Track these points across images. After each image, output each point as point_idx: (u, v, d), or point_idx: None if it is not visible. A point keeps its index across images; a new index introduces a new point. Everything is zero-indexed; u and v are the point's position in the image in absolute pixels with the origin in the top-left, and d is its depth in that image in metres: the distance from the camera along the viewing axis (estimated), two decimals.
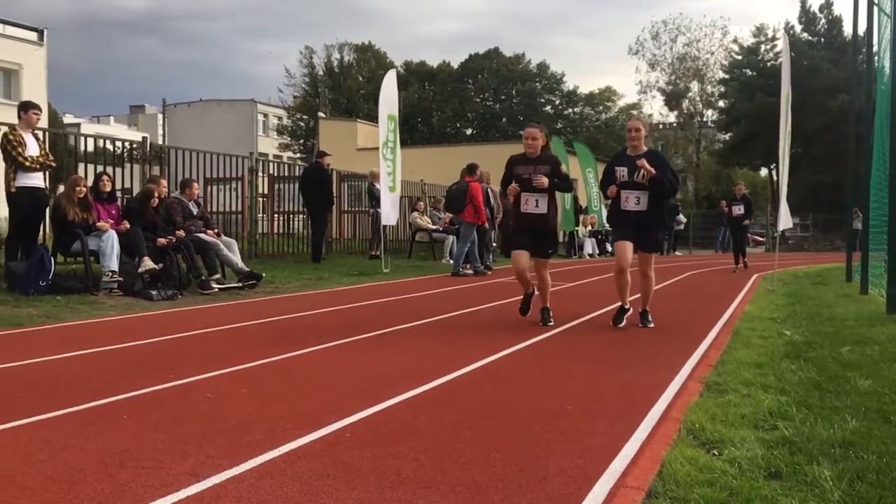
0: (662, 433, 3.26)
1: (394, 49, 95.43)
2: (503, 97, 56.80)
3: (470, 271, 12.79)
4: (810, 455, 2.92)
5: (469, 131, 55.93)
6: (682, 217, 26.75)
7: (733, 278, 12.95)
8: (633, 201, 6.33)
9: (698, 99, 49.36)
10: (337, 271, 11.89)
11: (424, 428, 3.27)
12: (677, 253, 25.18)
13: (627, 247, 6.41)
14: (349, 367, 4.61)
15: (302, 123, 53.45)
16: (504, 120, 56.13)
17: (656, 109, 53.94)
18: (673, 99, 48.99)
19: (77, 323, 6.38)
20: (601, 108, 58.48)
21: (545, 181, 6.27)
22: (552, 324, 6.46)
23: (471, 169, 12.76)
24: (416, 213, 16.75)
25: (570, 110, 58.57)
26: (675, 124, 51.50)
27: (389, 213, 13.19)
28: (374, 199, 14.86)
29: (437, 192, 18.37)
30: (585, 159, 23.44)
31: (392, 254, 14.59)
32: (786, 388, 4.10)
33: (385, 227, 13.76)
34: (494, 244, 15.25)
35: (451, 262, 15.18)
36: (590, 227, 22.04)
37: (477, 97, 56.58)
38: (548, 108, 57.28)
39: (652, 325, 6.49)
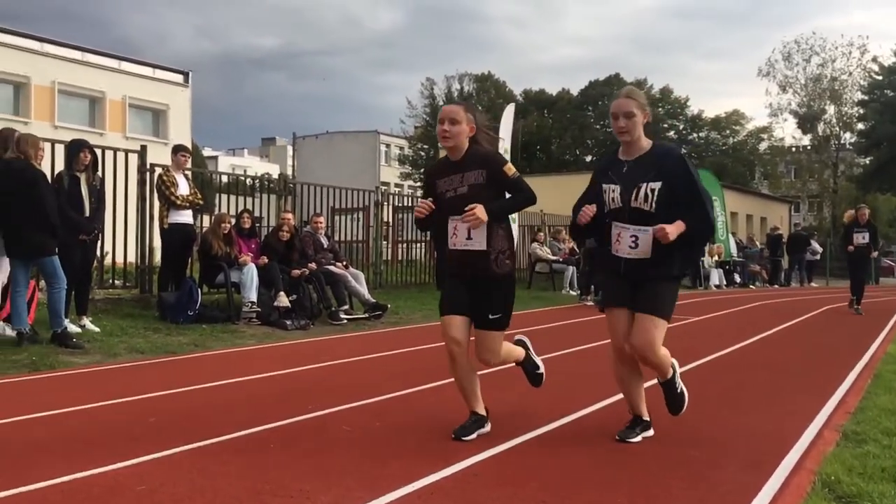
0: (795, 485, 3.19)
1: (513, 78, 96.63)
2: None
3: (591, 303, 12.74)
4: None
5: (588, 158, 55.40)
6: (817, 247, 25.31)
7: (873, 313, 12.19)
8: (629, 242, 3.70)
9: (835, 121, 46.87)
10: None
11: (549, 469, 3.34)
12: (813, 284, 23.88)
13: (622, 318, 3.80)
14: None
15: (422, 153, 54.73)
16: None
17: (788, 133, 51.61)
18: (807, 122, 46.74)
19: (222, 352, 6.86)
20: (728, 132, 56.53)
21: (481, 214, 3.64)
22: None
23: None
24: (535, 244, 16.81)
25: (695, 135, 56.94)
26: (808, 147, 49.10)
27: None
28: None
29: (556, 221, 18.35)
30: (711, 187, 22.76)
31: None
32: None
33: None
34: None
35: (572, 292, 15.18)
36: (716, 257, 21.33)
37: (597, 124, 56.03)
38: (671, 132, 55.94)
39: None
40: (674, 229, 3.57)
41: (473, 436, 3.81)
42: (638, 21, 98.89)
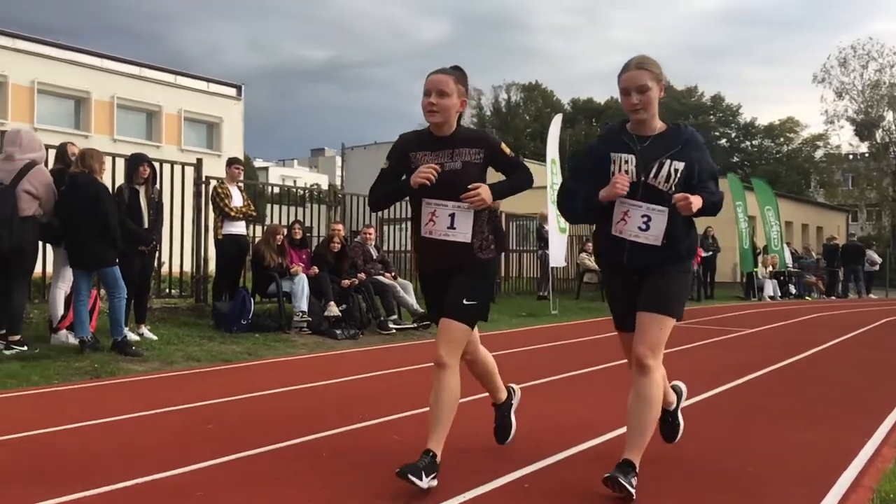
0: (853, 502, 3.13)
1: (561, 87, 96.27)
2: None
3: None
4: None
5: None
6: (875, 257, 24.54)
7: None
8: (639, 223, 3.20)
9: (893, 128, 45.53)
10: (506, 312, 12.10)
11: (599, 482, 3.33)
12: (872, 296, 23.19)
13: (630, 340, 3.31)
14: (521, 415, 4.75)
15: None
16: None
17: (845, 140, 50.31)
18: (864, 129, 45.51)
19: (274, 360, 7.00)
20: (782, 139, 55.43)
21: (487, 195, 3.24)
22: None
23: None
24: (584, 255, 16.72)
25: (748, 143, 56.00)
26: (866, 155, 47.79)
27: (558, 254, 13.36)
28: (543, 240, 15.03)
29: None
30: (764, 196, 22.32)
31: (560, 294, 14.63)
32: None
33: (553, 267, 13.89)
34: None
35: None
36: (770, 268, 20.90)
37: None
38: (723, 141, 55.18)
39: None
40: (697, 200, 3.11)
41: (425, 481, 3.03)
42: (687, 28, 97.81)
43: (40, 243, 6.94)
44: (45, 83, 23.78)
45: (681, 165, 3.19)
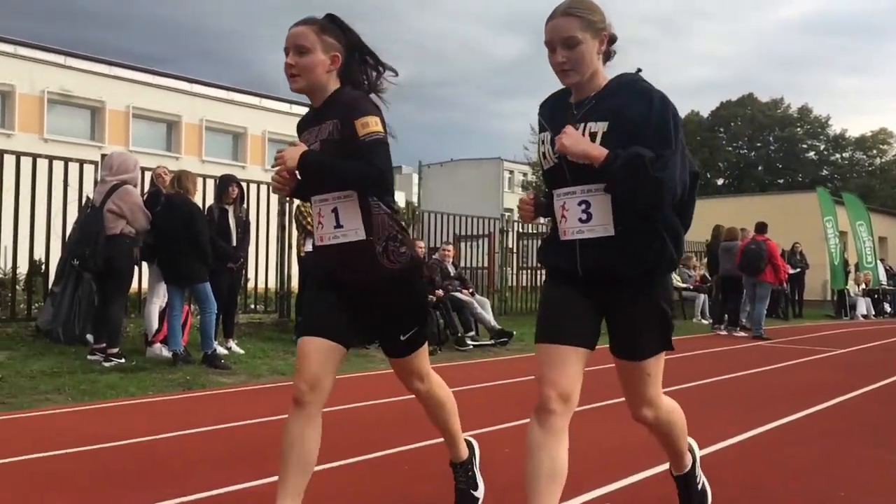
0: None
1: None
2: (759, 144, 53.74)
3: (742, 333, 12.51)
4: None
5: (720, 181, 53.52)
6: None
7: None
8: (578, 214, 2.39)
9: None
10: None
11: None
12: None
13: (560, 356, 2.45)
14: (603, 433, 4.72)
15: None
16: (760, 168, 53.02)
17: None
18: None
19: (354, 375, 7.13)
20: (875, 151, 53.05)
21: (290, 157, 2.52)
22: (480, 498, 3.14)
23: (762, 227, 12.63)
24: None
25: (838, 156, 53.79)
26: None
27: None
28: None
29: (687, 247, 17.84)
30: (856, 210, 21.42)
31: None
32: None
33: None
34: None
35: (703, 321, 14.70)
36: (863, 286, 20.01)
37: (729, 146, 54.10)
38: (811, 153, 53.17)
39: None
40: (582, 144, 2.28)
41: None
42: (771, 37, 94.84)
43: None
44: (140, 108, 24.98)
45: (601, 126, 2.32)
